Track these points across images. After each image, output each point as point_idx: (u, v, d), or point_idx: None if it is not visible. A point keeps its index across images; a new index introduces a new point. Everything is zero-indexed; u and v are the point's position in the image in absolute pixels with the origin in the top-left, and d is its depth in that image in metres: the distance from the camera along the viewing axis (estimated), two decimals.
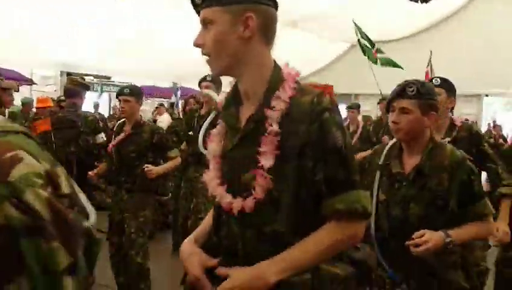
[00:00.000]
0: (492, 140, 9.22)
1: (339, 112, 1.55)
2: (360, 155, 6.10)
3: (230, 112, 1.63)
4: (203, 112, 5.04)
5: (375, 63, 10.38)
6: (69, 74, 12.83)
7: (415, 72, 6.91)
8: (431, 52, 9.73)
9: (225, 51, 1.51)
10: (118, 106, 4.44)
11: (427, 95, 2.35)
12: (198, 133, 4.26)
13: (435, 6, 11.96)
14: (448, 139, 3.03)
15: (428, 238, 2.13)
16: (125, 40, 10.90)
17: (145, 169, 4.11)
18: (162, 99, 14.33)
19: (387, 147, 2.52)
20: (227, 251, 1.56)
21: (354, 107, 7.27)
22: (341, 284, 1.47)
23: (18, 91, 11.16)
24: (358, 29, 10.19)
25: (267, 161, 1.45)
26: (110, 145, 4.44)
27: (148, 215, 4.32)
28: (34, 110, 8.59)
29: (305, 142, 1.45)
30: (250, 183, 1.48)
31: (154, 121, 10.55)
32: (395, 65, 10.47)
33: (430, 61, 10.20)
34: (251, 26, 1.48)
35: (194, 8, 1.55)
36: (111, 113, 13.72)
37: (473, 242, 2.53)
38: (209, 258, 1.57)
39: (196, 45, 1.54)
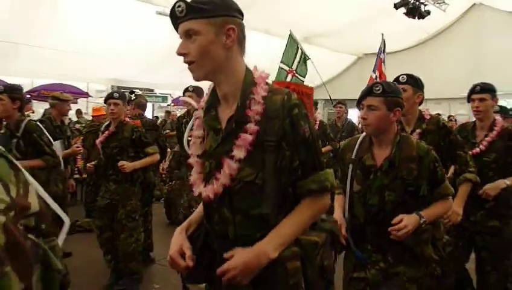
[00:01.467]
0: None
1: (304, 106, 1.52)
2: (324, 149, 5.85)
3: (211, 116, 1.57)
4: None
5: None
6: (118, 88, 13.13)
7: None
8: (382, 34, 8.77)
9: (209, 59, 1.45)
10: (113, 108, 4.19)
11: (392, 93, 2.26)
12: None
13: (430, 21, 11.89)
14: (418, 130, 2.89)
15: (407, 223, 2.12)
16: (164, 57, 11.02)
17: (119, 165, 4.01)
18: None
19: (358, 142, 2.42)
20: (220, 235, 1.54)
21: (313, 103, 6.60)
22: (321, 248, 1.51)
23: (76, 103, 11.50)
24: (292, 40, 8.08)
25: (238, 153, 1.44)
26: (97, 142, 4.31)
27: (134, 203, 4.23)
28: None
29: (281, 136, 1.44)
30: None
31: None
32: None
33: (382, 49, 9.00)
34: (232, 37, 1.45)
35: (173, 20, 1.48)
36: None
37: (439, 221, 2.45)
38: (187, 243, 1.56)
39: (180, 54, 1.47)
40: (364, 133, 2.41)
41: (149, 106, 14.80)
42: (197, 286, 1.64)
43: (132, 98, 6.42)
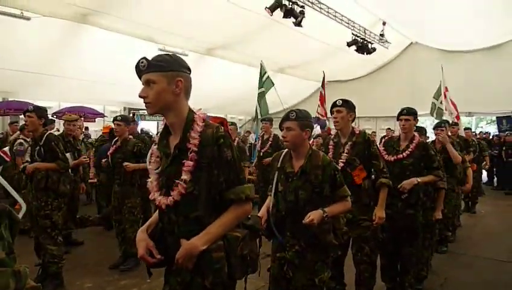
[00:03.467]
0: None
1: (228, 136, 1.65)
2: (266, 160, 5.88)
3: (163, 144, 1.70)
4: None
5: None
6: (129, 109, 13.10)
7: (365, 101, 6.93)
8: (323, 72, 8.90)
9: (162, 101, 1.59)
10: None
11: (303, 118, 2.39)
12: None
13: (377, 56, 12.22)
14: (350, 143, 3.05)
15: (313, 217, 2.24)
16: None
17: (124, 164, 4.26)
18: None
19: (282, 155, 2.54)
20: (168, 231, 1.66)
21: (267, 120, 6.72)
22: (241, 241, 1.62)
23: (94, 121, 11.55)
24: (263, 69, 8.32)
25: (186, 176, 1.58)
26: (108, 153, 4.54)
27: (133, 201, 4.39)
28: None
29: (211, 159, 1.58)
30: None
31: None
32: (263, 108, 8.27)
33: (323, 83, 9.06)
34: (180, 86, 1.59)
35: (137, 73, 1.61)
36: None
37: (338, 215, 2.50)
38: (151, 242, 1.66)
39: (141, 96, 1.61)
40: (287, 149, 2.55)
41: (154, 124, 14.94)
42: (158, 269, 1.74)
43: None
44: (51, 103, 11.02)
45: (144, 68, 1.58)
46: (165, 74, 1.57)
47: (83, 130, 7.33)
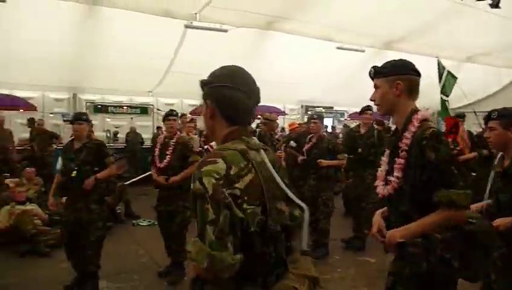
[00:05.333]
0: None
1: (437, 138, 1.67)
2: (462, 158, 5.50)
3: (391, 139, 1.90)
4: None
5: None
6: (306, 106, 13.79)
7: None
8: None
9: (386, 103, 1.84)
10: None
11: (508, 116, 2.35)
12: None
13: None
14: None
15: (499, 223, 2.18)
16: (341, 82, 11.22)
17: (317, 161, 4.58)
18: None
19: (498, 156, 2.50)
20: (387, 218, 1.87)
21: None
22: (440, 244, 1.67)
23: (277, 119, 12.52)
24: (440, 66, 7.48)
25: (397, 173, 1.76)
26: (304, 149, 4.92)
27: (328, 194, 4.72)
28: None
29: (415, 158, 1.70)
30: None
31: None
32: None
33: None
34: (400, 89, 1.79)
35: (371, 78, 1.87)
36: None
37: None
38: (383, 224, 1.86)
39: (371, 99, 1.88)
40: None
41: (329, 120, 15.33)
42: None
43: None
44: None
45: (372, 75, 1.87)
46: (386, 78, 1.81)
47: None
